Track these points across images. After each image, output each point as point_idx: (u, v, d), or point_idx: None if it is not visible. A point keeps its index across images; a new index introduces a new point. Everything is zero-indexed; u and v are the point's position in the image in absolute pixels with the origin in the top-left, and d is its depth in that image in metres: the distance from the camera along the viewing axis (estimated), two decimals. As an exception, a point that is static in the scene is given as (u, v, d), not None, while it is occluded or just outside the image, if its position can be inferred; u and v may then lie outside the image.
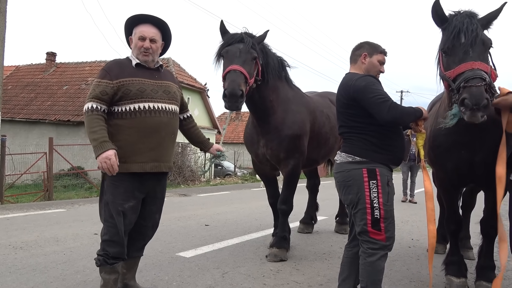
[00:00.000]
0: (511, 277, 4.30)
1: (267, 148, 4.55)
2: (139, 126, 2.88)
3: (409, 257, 4.92)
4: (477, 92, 2.60)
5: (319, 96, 5.60)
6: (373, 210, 2.78)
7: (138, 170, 2.88)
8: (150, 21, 3.02)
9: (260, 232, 6.00)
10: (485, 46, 2.84)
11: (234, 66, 3.86)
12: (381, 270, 2.83)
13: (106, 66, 2.98)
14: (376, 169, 2.82)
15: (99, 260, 2.89)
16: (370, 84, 2.83)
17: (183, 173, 16.09)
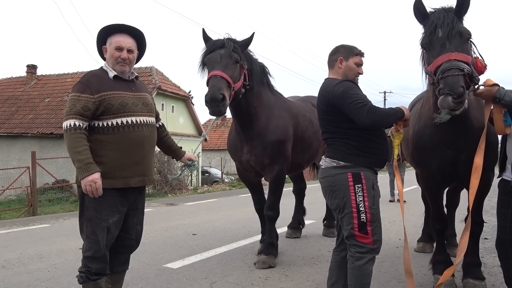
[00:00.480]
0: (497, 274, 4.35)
1: (251, 155, 4.53)
2: (122, 141, 2.80)
3: (397, 257, 4.93)
4: (452, 81, 2.63)
5: (301, 101, 5.61)
6: (359, 214, 2.79)
7: (122, 185, 2.81)
8: (127, 31, 2.94)
9: (248, 239, 5.97)
10: (463, 37, 2.87)
11: (215, 71, 3.86)
12: (369, 273, 2.84)
13: (84, 79, 2.84)
14: (361, 172, 2.82)
15: (81, 277, 2.80)
16: (347, 89, 2.83)
17: (170, 182, 15.96)
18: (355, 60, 3.01)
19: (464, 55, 2.77)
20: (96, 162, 2.73)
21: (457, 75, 2.64)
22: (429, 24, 2.94)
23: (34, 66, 21.81)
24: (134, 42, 2.95)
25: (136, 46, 2.97)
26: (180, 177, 3.60)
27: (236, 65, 4.02)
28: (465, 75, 2.68)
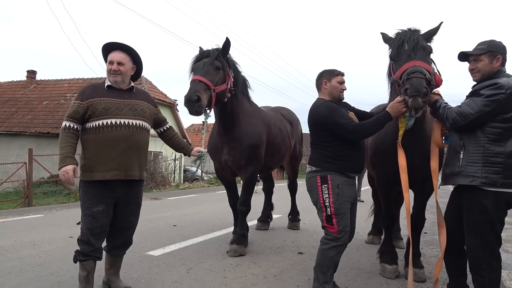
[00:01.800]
0: (434, 263, 4.45)
1: (230, 155, 4.50)
2: (102, 140, 2.89)
3: (351, 248, 4.97)
4: (417, 82, 2.70)
5: (273, 111, 5.63)
6: (326, 208, 2.99)
7: (100, 178, 2.89)
8: (118, 47, 3.05)
9: (223, 231, 5.91)
10: (426, 51, 2.96)
11: (195, 77, 3.89)
12: (329, 258, 2.99)
13: (82, 89, 3.04)
14: (328, 175, 3.01)
15: (74, 257, 2.98)
16: (333, 111, 3.01)
17: (155, 179, 15.68)
18: (337, 80, 3.16)
19: (426, 64, 2.87)
20: (84, 158, 2.95)
21: (420, 78, 2.72)
22: (397, 40, 3.03)
23: (33, 71, 21.04)
24: (127, 57, 3.05)
25: (129, 60, 3.06)
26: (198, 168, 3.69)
27: (217, 71, 4.00)
28: (426, 80, 2.76)
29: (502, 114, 2.51)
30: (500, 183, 2.51)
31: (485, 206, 2.56)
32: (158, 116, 3.31)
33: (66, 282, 3.44)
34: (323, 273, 3.00)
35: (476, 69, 2.70)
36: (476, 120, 2.56)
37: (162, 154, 17.56)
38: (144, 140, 3.10)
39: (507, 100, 2.48)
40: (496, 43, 2.71)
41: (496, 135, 2.52)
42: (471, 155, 2.59)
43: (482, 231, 2.59)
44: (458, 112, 2.61)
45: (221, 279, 3.61)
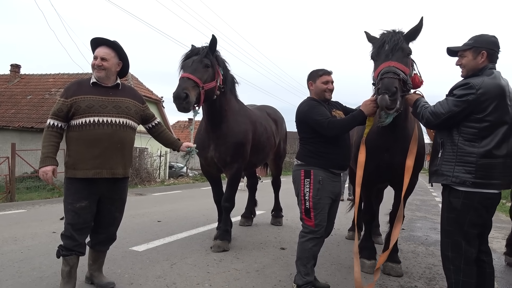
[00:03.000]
0: (411, 258, 4.53)
1: (216, 152, 4.49)
2: (84, 138, 2.84)
3: (331, 243, 5.04)
4: (388, 81, 2.73)
5: (258, 110, 5.62)
6: (305, 201, 3.05)
7: (82, 176, 2.84)
8: (102, 43, 2.99)
9: (207, 226, 5.88)
10: (404, 52, 2.97)
11: (183, 74, 3.86)
12: (308, 249, 3.05)
13: (67, 86, 2.97)
14: (311, 170, 3.06)
15: (57, 252, 2.93)
16: (311, 108, 3.09)
17: (140, 175, 15.49)
18: (322, 80, 3.19)
19: (402, 65, 2.88)
20: (67, 155, 2.90)
21: (392, 78, 2.75)
22: (379, 41, 3.05)
23: (18, 65, 20.45)
24: (111, 52, 2.98)
25: (113, 56, 2.99)
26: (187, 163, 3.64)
27: (206, 69, 3.98)
28: (400, 80, 2.78)
29: (475, 114, 2.44)
30: (470, 183, 2.45)
31: (453, 204, 2.53)
32: (146, 112, 3.24)
33: (49, 278, 3.37)
34: (303, 265, 3.05)
35: (462, 65, 2.66)
36: (449, 120, 2.53)
37: (147, 150, 17.37)
38: (128, 137, 3.03)
39: (478, 100, 2.41)
40: (484, 38, 2.59)
41: (471, 135, 2.47)
42: (446, 154, 2.58)
43: (450, 230, 2.56)
44: (431, 111, 2.60)
45: (204, 274, 3.59)
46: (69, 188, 2.89)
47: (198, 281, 3.41)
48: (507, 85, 2.51)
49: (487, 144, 2.44)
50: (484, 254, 2.62)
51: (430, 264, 4.27)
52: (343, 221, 6.37)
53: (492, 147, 2.43)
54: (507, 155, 2.47)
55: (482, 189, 2.45)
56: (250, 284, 3.41)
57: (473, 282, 2.46)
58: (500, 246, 5.21)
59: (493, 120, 2.43)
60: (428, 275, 3.90)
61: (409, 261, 4.38)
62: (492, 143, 2.44)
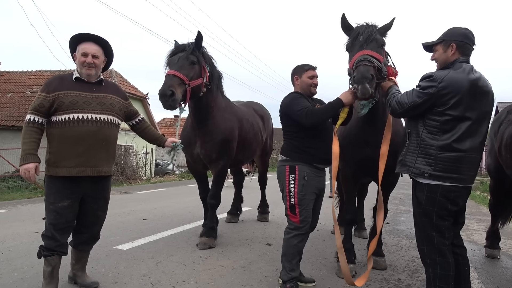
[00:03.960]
0: (395, 251, 4.60)
1: (202, 149, 4.46)
2: (68, 135, 2.77)
3: (317, 238, 5.07)
4: (363, 69, 2.74)
5: (245, 106, 5.61)
6: (290, 197, 3.04)
7: (65, 174, 2.77)
8: (91, 39, 2.92)
9: (193, 224, 5.85)
10: (378, 43, 2.99)
11: (169, 71, 3.82)
12: (293, 246, 3.06)
13: (48, 80, 2.90)
14: (296, 166, 3.04)
15: (38, 252, 2.86)
16: (292, 100, 3.09)
17: (125, 173, 15.30)
18: (308, 74, 3.20)
19: (376, 53, 2.89)
20: (49, 152, 2.82)
21: (367, 65, 2.76)
22: (353, 33, 3.06)
23: (-3, 62, 19.98)
24: (100, 49, 2.93)
25: (102, 53, 2.95)
26: (173, 159, 3.56)
27: (192, 66, 3.95)
28: (375, 67, 2.79)
29: (437, 107, 2.44)
30: (428, 175, 2.47)
31: (419, 199, 2.57)
32: (129, 109, 3.19)
33: (30, 279, 3.30)
34: (289, 261, 3.05)
35: (435, 59, 2.69)
36: (412, 110, 2.55)
37: (133, 148, 17.17)
38: (113, 135, 2.98)
39: (439, 93, 2.41)
40: (454, 30, 2.61)
41: (433, 127, 2.48)
42: (411, 145, 2.61)
43: (422, 225, 2.60)
44: (397, 100, 2.62)
45: (190, 272, 3.57)
46: (51, 187, 2.82)
47: (184, 279, 3.39)
48: (477, 79, 2.47)
49: (448, 137, 2.43)
50: (457, 247, 2.65)
51: (414, 257, 4.33)
52: (328, 216, 6.39)
53: (452, 140, 2.42)
54: (471, 150, 2.46)
55: (441, 181, 2.46)
56: (236, 280, 3.41)
57: (450, 274, 2.50)
58: (481, 238, 5.33)
59: (455, 114, 2.41)
60: (412, 267, 3.96)
61: (393, 254, 4.45)
62: (453, 137, 2.43)
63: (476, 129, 2.48)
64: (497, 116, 4.33)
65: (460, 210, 2.62)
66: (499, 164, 3.94)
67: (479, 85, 2.47)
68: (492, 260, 4.37)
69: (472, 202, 10.25)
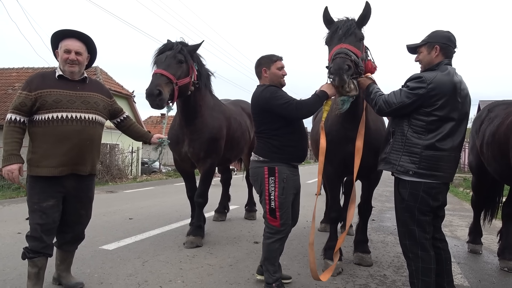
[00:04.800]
0: (380, 248, 4.66)
1: (190, 147, 4.45)
2: (51, 134, 2.71)
3: (304, 236, 5.11)
4: (340, 61, 2.75)
5: (233, 105, 5.60)
6: (270, 201, 2.95)
7: (47, 174, 2.71)
8: (74, 35, 2.85)
9: (180, 223, 5.83)
10: (357, 37, 3.01)
11: (157, 70, 3.80)
12: (275, 250, 2.99)
13: (29, 78, 2.80)
14: (276, 167, 2.95)
15: (23, 254, 2.79)
16: (273, 93, 2.95)
17: (111, 172, 15.11)
18: (277, 66, 3.07)
19: (353, 47, 2.91)
20: (31, 152, 2.75)
21: (344, 57, 2.77)
22: (333, 27, 3.07)
23: (-23, 59, 19.46)
24: (83, 46, 2.87)
25: (85, 50, 2.89)
26: (160, 156, 3.52)
27: (180, 65, 3.92)
28: (352, 61, 2.81)
29: (424, 108, 2.52)
30: (412, 172, 2.55)
31: (402, 195, 2.64)
32: (114, 107, 3.14)
33: (13, 280, 3.24)
34: (272, 264, 3.01)
35: (419, 61, 2.76)
36: (400, 110, 2.62)
37: (118, 146, 16.96)
38: (97, 134, 2.94)
39: (428, 94, 2.49)
40: (438, 33, 2.70)
41: (419, 127, 2.55)
42: (396, 143, 2.67)
43: (404, 220, 2.67)
44: (384, 100, 2.67)
45: (177, 271, 3.56)
46: (34, 187, 2.75)
47: (171, 278, 3.37)
48: (459, 82, 2.57)
49: (432, 137, 2.52)
50: (439, 241, 2.73)
51: (399, 253, 4.39)
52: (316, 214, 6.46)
53: (436, 140, 2.52)
54: (452, 149, 2.56)
55: (425, 179, 2.54)
56: (224, 278, 3.41)
57: (432, 267, 2.58)
58: (464, 234, 5.44)
59: (441, 115, 2.51)
60: (397, 263, 4.02)
61: (378, 250, 4.51)
62: (437, 136, 2.52)
63: (457, 129, 2.59)
64: (478, 114, 4.42)
65: (440, 205, 2.70)
66: (481, 161, 4.04)
67: (462, 88, 2.59)
68: (474, 255, 4.46)
69: (455, 199, 10.47)
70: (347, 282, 3.40)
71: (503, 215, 4.18)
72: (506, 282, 3.57)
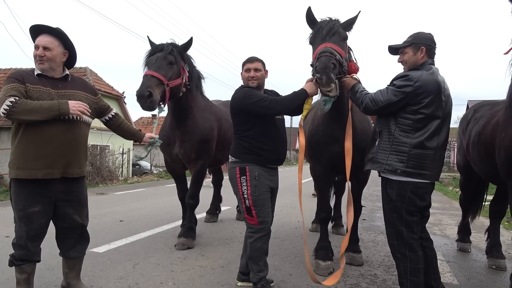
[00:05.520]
0: (371, 247, 4.70)
1: (181, 148, 4.43)
2: (34, 134, 2.57)
3: (295, 236, 5.12)
4: (325, 59, 2.77)
5: (223, 105, 5.59)
6: (245, 200, 2.98)
7: (28, 176, 2.56)
8: (44, 30, 2.70)
9: (171, 224, 5.80)
10: (340, 36, 3.03)
11: (147, 72, 3.78)
12: (258, 249, 2.99)
13: (13, 75, 2.63)
14: (246, 167, 2.99)
15: (10, 261, 2.71)
16: (247, 93, 3.01)
17: (102, 173, 14.96)
18: (244, 68, 3.15)
19: (338, 47, 2.93)
20: (13, 153, 2.64)
21: (329, 56, 2.79)
22: (317, 27, 3.09)
23: (-37, 59, 19.12)
24: (55, 41, 2.69)
25: (58, 45, 2.70)
26: (148, 155, 3.51)
27: (171, 66, 3.91)
28: (336, 60, 2.83)
29: (411, 106, 2.56)
30: (400, 171, 2.57)
31: (390, 195, 2.67)
32: (100, 104, 2.99)
33: (1, 285, 3.20)
34: (256, 263, 3.00)
35: (404, 61, 2.80)
36: (386, 108, 2.63)
37: (109, 147, 16.81)
38: (83, 134, 2.80)
39: (415, 92, 2.53)
40: (422, 34, 2.76)
41: (406, 126, 2.58)
42: (383, 142, 2.70)
43: (391, 220, 2.69)
44: (371, 98, 2.71)
45: (168, 273, 3.54)
46: (18, 192, 2.62)
47: (162, 280, 3.35)
48: (443, 81, 2.64)
49: (420, 135, 2.56)
50: (425, 240, 2.77)
51: (389, 253, 4.38)
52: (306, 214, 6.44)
53: (424, 138, 2.56)
54: (437, 148, 2.61)
55: (413, 178, 2.58)
56: (215, 280, 3.40)
57: (420, 267, 2.61)
58: (453, 232, 5.51)
59: (428, 113, 2.56)
60: (387, 263, 4.06)
61: (369, 250, 4.54)
62: (424, 135, 2.56)
63: (442, 128, 2.64)
64: (464, 115, 4.49)
65: (427, 205, 2.73)
66: (468, 160, 4.09)
67: (445, 87, 2.67)
68: (463, 253, 4.53)
69: (444, 198, 10.60)
70: (338, 281, 3.41)
71: (490, 214, 4.25)
72: (494, 280, 3.63)
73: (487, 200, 4.64)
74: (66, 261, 2.91)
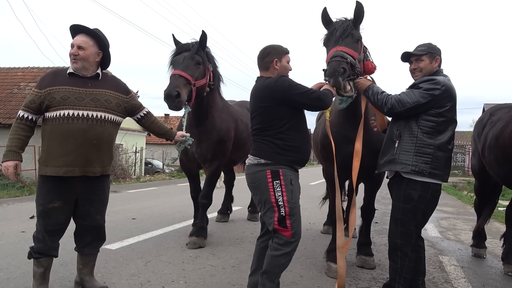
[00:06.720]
0: (383, 251, 4.65)
1: (197, 148, 4.44)
2: (58, 132, 2.65)
3: (306, 238, 5.09)
4: (335, 64, 2.80)
5: (239, 106, 5.61)
6: (279, 208, 2.57)
7: (52, 173, 2.65)
8: (81, 30, 2.78)
9: (183, 223, 5.83)
10: (354, 38, 3.03)
11: (175, 71, 3.81)
12: (279, 265, 2.59)
13: (42, 76, 2.79)
14: (279, 170, 2.60)
15: (29, 253, 2.80)
16: (292, 82, 2.64)
17: (115, 171, 15.15)
18: (287, 59, 2.80)
19: (350, 49, 2.93)
20: (41, 150, 2.76)
21: (340, 61, 2.81)
22: (331, 28, 3.10)
23: (-17, 58, 19.60)
24: (90, 41, 2.75)
25: (92, 44, 2.76)
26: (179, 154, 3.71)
27: (198, 66, 3.94)
28: (348, 63, 2.84)
29: (435, 109, 2.65)
30: (427, 173, 2.63)
31: (411, 195, 2.67)
32: (131, 103, 2.98)
33: (17, 279, 3.25)
34: (271, 281, 2.59)
35: (418, 69, 2.85)
36: (412, 110, 2.67)
37: (122, 146, 17.02)
38: (107, 133, 2.78)
39: (442, 95, 2.63)
40: (434, 45, 2.89)
41: (429, 128, 2.66)
42: (405, 144, 2.72)
43: (404, 220, 2.70)
44: (397, 99, 2.73)
45: (180, 271, 3.56)
46: (42, 187, 2.72)
47: (173, 279, 3.37)
48: None
49: (441, 138, 2.66)
50: (420, 239, 2.84)
51: (402, 256, 4.38)
52: (318, 216, 6.46)
53: (445, 141, 2.67)
54: (451, 150, 2.76)
55: (436, 179, 2.67)
56: (226, 280, 3.41)
57: (412, 266, 2.73)
58: (467, 238, 5.40)
59: (449, 116, 2.68)
60: (400, 267, 4.00)
61: (381, 253, 4.48)
62: (445, 137, 2.67)
63: (454, 132, 2.77)
64: (480, 118, 4.40)
65: None
66: (483, 164, 4.01)
67: None
68: (478, 259, 4.44)
69: (459, 202, 10.41)
70: (350, 285, 3.39)
71: (506, 219, 4.16)
72: (510, 287, 3.54)
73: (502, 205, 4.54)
74: (81, 257, 2.97)
